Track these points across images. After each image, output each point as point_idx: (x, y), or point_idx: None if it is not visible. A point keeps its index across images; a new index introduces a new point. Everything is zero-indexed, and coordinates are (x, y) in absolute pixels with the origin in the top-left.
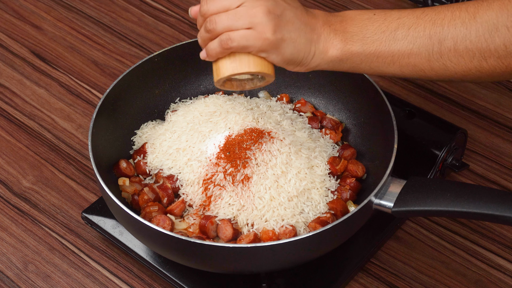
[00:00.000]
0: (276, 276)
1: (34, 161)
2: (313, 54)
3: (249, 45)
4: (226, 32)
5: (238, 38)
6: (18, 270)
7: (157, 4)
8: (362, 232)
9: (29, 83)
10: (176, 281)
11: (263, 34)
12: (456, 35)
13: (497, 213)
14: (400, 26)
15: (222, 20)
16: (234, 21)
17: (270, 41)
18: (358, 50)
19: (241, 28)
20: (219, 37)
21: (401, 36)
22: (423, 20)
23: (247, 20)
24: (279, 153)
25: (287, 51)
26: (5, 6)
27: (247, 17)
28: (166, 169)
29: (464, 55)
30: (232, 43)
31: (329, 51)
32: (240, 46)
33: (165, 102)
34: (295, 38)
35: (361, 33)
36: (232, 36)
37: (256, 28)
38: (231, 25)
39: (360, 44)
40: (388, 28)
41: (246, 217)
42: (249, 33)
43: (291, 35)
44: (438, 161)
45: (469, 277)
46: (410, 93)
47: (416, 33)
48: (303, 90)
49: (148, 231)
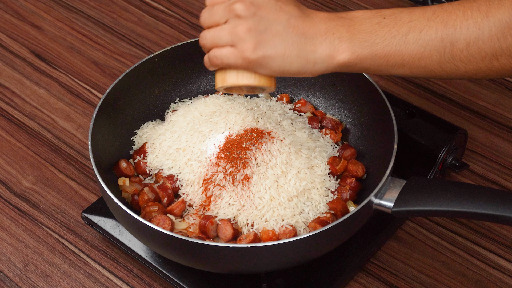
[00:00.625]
0: (276, 276)
1: (34, 161)
2: (313, 62)
3: (232, 64)
4: (213, 49)
5: (221, 57)
6: (18, 270)
7: (157, 4)
8: (362, 232)
9: (29, 83)
10: (176, 281)
11: (243, 53)
12: (469, 36)
13: (497, 213)
14: (411, 29)
15: (210, 37)
16: (219, 39)
17: (250, 60)
18: (367, 56)
19: (225, 45)
20: (208, 53)
21: (413, 40)
22: (434, 22)
23: (229, 38)
24: (279, 153)
25: (274, 65)
26: (5, 6)
27: (229, 35)
28: (166, 169)
29: (476, 55)
30: (217, 60)
31: (335, 58)
32: (224, 64)
33: (165, 102)
34: (283, 52)
35: (371, 39)
36: (217, 54)
37: (238, 46)
38: (217, 42)
39: (370, 50)
40: (399, 33)
41: (246, 217)
42: (231, 51)
43: (277, 50)
44: (438, 161)
45: (469, 277)
46: (410, 93)
47: (427, 36)
48: (303, 90)
49: (148, 231)
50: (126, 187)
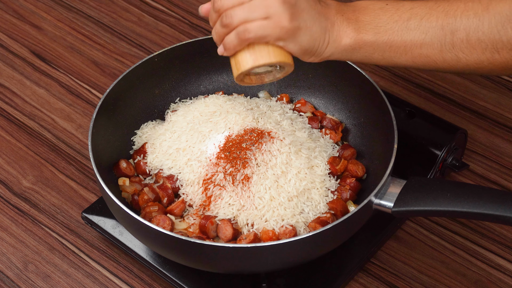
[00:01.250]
0: (276, 276)
1: (34, 161)
2: (327, 43)
3: (267, 35)
4: (242, 24)
5: (255, 29)
6: (18, 270)
7: (157, 4)
8: (362, 232)
9: (29, 83)
10: (176, 281)
11: (280, 23)
12: (469, 26)
13: (497, 213)
14: (412, 16)
15: (237, 14)
16: (250, 13)
17: (288, 29)
18: (371, 39)
19: (258, 19)
20: (235, 30)
21: (414, 26)
22: (435, 11)
23: (263, 11)
24: (279, 153)
25: (304, 39)
26: (5, 6)
27: (262, 8)
28: (166, 169)
29: (477, 46)
30: (249, 34)
31: (342, 40)
32: (257, 36)
33: (165, 102)
34: (311, 27)
35: (374, 22)
36: (249, 27)
37: (273, 18)
38: (247, 17)
39: (373, 33)
40: (400, 18)
41: (246, 217)
42: (266, 23)
43: (306, 24)
44: (438, 161)
45: (469, 277)
46: (410, 93)
47: (428, 23)
48: (303, 90)
49: (148, 231)
50: (126, 187)
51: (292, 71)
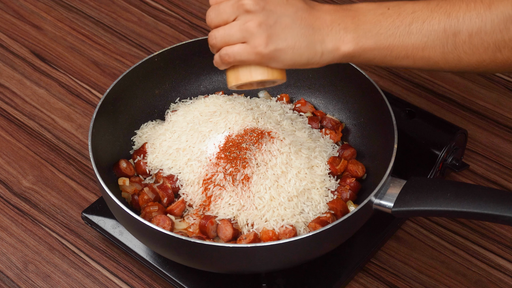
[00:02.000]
0: (276, 276)
1: (34, 161)
2: (321, 53)
3: (244, 60)
4: (224, 47)
5: (233, 54)
6: (18, 270)
7: (157, 4)
8: (362, 232)
9: (29, 83)
10: (176, 281)
11: (255, 49)
12: (471, 27)
13: (497, 213)
14: (414, 20)
15: (220, 35)
16: (229, 36)
17: (263, 55)
18: (371, 46)
19: (237, 42)
20: (218, 52)
21: (416, 31)
22: (437, 13)
23: (240, 35)
24: (279, 153)
25: (286, 58)
26: (5, 6)
27: (239, 31)
28: (166, 169)
29: (479, 46)
30: (229, 58)
31: (340, 48)
32: (236, 61)
33: (165, 102)
34: (293, 44)
35: (375, 29)
36: (228, 52)
37: (250, 42)
38: (227, 40)
39: (374, 41)
40: (402, 23)
41: (246, 217)
42: (243, 48)
43: (288, 43)
44: (438, 161)
45: (469, 277)
46: (410, 93)
47: (430, 26)
48: (303, 90)
49: (148, 231)
50: (126, 187)
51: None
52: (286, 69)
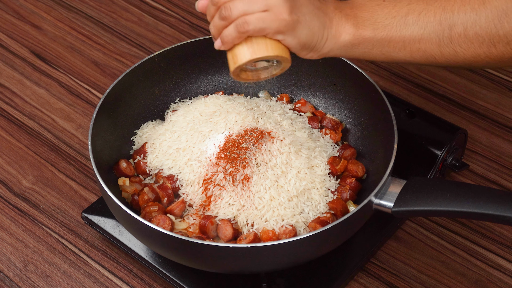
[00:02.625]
0: (276, 276)
1: (34, 161)
2: (326, 38)
3: (266, 27)
4: (242, 16)
5: (254, 21)
6: (18, 270)
7: (157, 4)
8: (362, 232)
9: (29, 83)
10: (176, 281)
11: (280, 15)
12: (466, 20)
13: (497, 213)
14: (410, 11)
15: (237, 6)
16: (250, 6)
17: (287, 22)
18: (369, 35)
19: (257, 11)
20: (234, 22)
21: (412, 22)
22: (433, 6)
23: (263, 3)
24: (279, 153)
25: (302, 33)
26: (5, 6)
27: (262, 1)
28: (166, 169)
29: (474, 40)
30: (248, 26)
31: (341, 36)
32: (257, 28)
33: (165, 102)
34: (310, 21)
35: (372, 18)
36: (248, 20)
37: (272, 10)
38: (247, 10)
39: (372, 29)
40: (398, 14)
41: (246, 217)
42: (266, 15)
43: (305, 18)
44: (438, 161)
45: (469, 277)
46: (410, 93)
47: (426, 18)
48: (303, 90)
49: (148, 231)
50: (126, 187)
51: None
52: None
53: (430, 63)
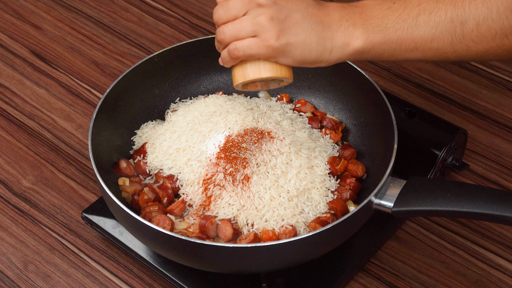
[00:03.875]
0: (276, 276)
1: (34, 161)
2: (330, 50)
3: (254, 54)
4: (233, 42)
5: (243, 48)
6: (18, 270)
7: (157, 4)
8: (362, 232)
9: (29, 83)
10: (176, 281)
11: (267, 42)
12: (478, 15)
13: (497, 213)
14: (421, 12)
15: (229, 30)
16: (239, 31)
17: (274, 48)
18: (380, 41)
19: (247, 36)
20: (227, 47)
21: (423, 22)
22: (443, 4)
23: (251, 29)
24: (279, 153)
25: (296, 53)
26: (5, 6)
27: (250, 25)
28: (166, 169)
29: (487, 34)
30: (238, 52)
31: (350, 45)
32: (246, 55)
33: (165, 102)
34: (304, 40)
35: (383, 23)
36: (238, 46)
37: (261, 35)
38: (237, 35)
39: (382, 35)
40: (409, 16)
41: (246, 217)
42: (253, 42)
43: (298, 38)
44: (438, 161)
45: (469, 277)
46: (410, 93)
47: (437, 17)
48: (303, 90)
49: (148, 231)
50: (126, 187)
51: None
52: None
53: (442, 60)
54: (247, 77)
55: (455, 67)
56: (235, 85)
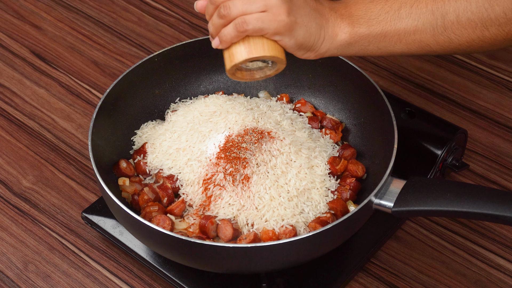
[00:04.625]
0: (276, 276)
1: (34, 161)
2: (323, 39)
3: (265, 27)
4: (241, 16)
5: (253, 21)
6: (18, 270)
7: (157, 4)
8: (362, 232)
9: (29, 83)
10: (176, 281)
11: (278, 16)
12: (457, 8)
13: (497, 213)
14: (402, 5)
15: (236, 5)
16: (249, 5)
17: (285, 23)
18: (365, 32)
19: (256, 11)
20: (233, 22)
21: (405, 14)
22: None
23: (261, 4)
24: (279, 153)
25: (300, 34)
26: (5, 6)
27: (261, 1)
28: (166, 169)
29: (467, 26)
30: (247, 25)
31: (337, 36)
32: (255, 28)
33: (165, 102)
34: (307, 22)
35: (366, 15)
36: (247, 19)
37: (271, 11)
38: (246, 9)
39: (367, 26)
40: (391, 8)
41: (246, 217)
42: (264, 15)
43: (303, 19)
44: (438, 161)
45: (469, 277)
46: (410, 93)
47: (419, 10)
48: (303, 90)
49: (148, 231)
50: (126, 187)
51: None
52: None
53: (426, 52)
54: (251, 53)
55: (455, 67)
56: (233, 65)
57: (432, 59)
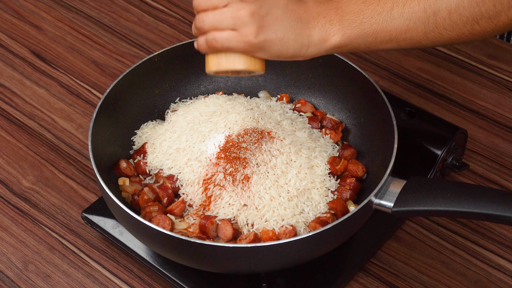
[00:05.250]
0: (276, 276)
1: (34, 161)
2: (307, 46)
3: (232, 47)
4: (211, 32)
5: (221, 40)
6: (18, 270)
7: (157, 4)
8: (362, 232)
9: (29, 83)
10: (176, 281)
11: (245, 37)
12: (450, 4)
13: (497, 213)
14: (395, 5)
15: (208, 19)
16: (219, 22)
17: (252, 44)
18: (357, 35)
19: (226, 28)
20: (205, 36)
21: (397, 15)
22: None
23: (231, 22)
24: (279, 153)
25: (273, 49)
26: (5, 6)
27: (231, 19)
28: (166, 169)
29: (458, 22)
30: (216, 43)
31: (327, 41)
32: (223, 47)
33: (165, 102)
34: (282, 37)
35: (358, 19)
36: (216, 37)
37: (239, 30)
38: (217, 25)
39: (358, 30)
40: (384, 9)
41: (246, 217)
42: (232, 35)
43: (277, 35)
44: (438, 161)
45: (469, 277)
46: (410, 93)
47: (411, 9)
48: (303, 90)
49: (148, 231)
50: (126, 187)
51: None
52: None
53: (415, 47)
54: (221, 66)
55: (455, 67)
56: (207, 71)
57: (432, 59)
